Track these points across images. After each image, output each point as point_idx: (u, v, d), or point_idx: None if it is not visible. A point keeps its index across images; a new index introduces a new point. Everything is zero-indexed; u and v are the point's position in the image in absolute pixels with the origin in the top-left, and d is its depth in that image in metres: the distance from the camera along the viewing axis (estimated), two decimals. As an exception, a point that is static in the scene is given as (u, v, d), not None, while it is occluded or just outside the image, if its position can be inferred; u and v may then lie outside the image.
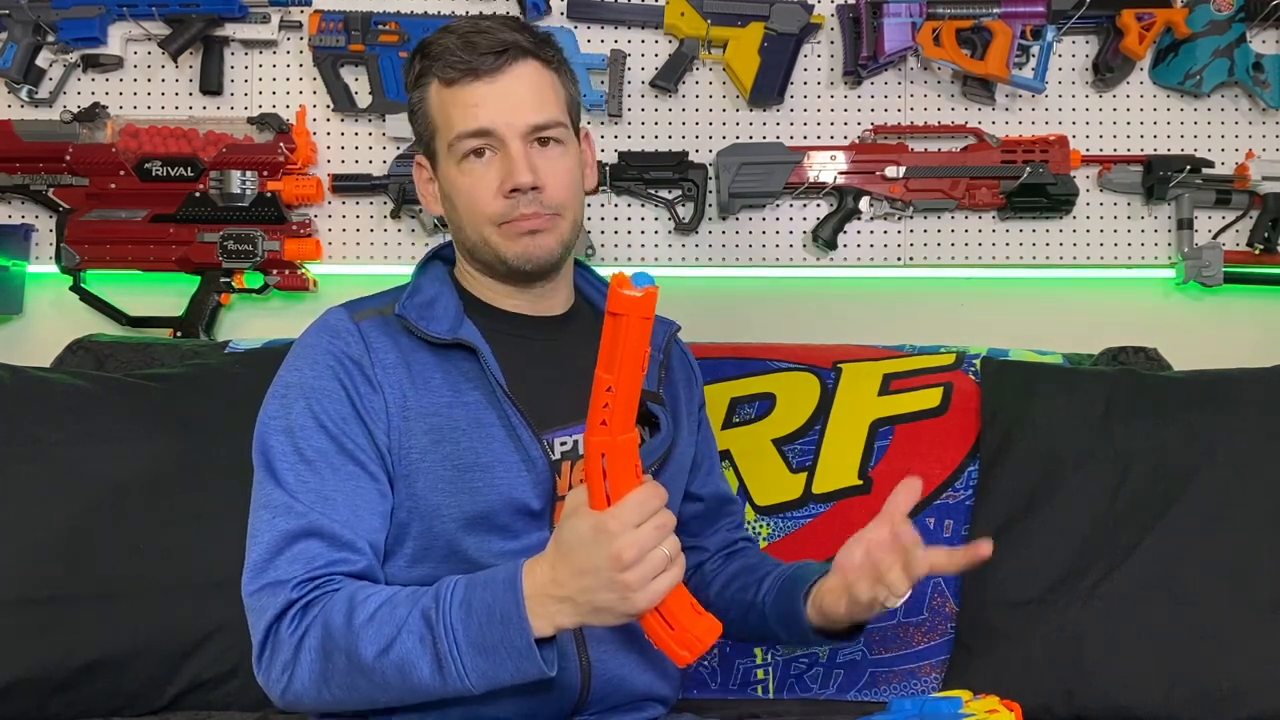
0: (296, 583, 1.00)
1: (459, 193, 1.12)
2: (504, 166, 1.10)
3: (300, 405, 1.06)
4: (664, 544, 0.91)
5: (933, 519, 1.54)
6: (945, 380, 1.62)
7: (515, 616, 0.93)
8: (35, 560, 1.39)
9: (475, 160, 1.11)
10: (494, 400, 1.09)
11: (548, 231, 1.12)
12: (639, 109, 1.89)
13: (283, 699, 1.02)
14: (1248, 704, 1.34)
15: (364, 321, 1.11)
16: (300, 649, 0.99)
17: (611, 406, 0.89)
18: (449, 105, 1.11)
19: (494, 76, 1.10)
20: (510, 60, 1.10)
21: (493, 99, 1.09)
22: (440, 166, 1.14)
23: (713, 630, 0.93)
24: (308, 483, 1.04)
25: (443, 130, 1.12)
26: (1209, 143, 1.88)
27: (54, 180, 1.83)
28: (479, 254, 1.14)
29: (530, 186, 1.09)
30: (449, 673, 0.94)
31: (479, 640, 0.94)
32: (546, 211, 1.11)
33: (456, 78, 1.10)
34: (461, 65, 1.09)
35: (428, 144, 1.15)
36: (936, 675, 1.51)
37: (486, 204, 1.11)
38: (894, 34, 1.82)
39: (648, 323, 0.87)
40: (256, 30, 1.86)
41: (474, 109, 1.09)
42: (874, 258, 1.88)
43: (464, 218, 1.13)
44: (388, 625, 0.96)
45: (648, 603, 0.91)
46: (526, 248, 1.12)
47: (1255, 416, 1.48)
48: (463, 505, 1.07)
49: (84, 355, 1.68)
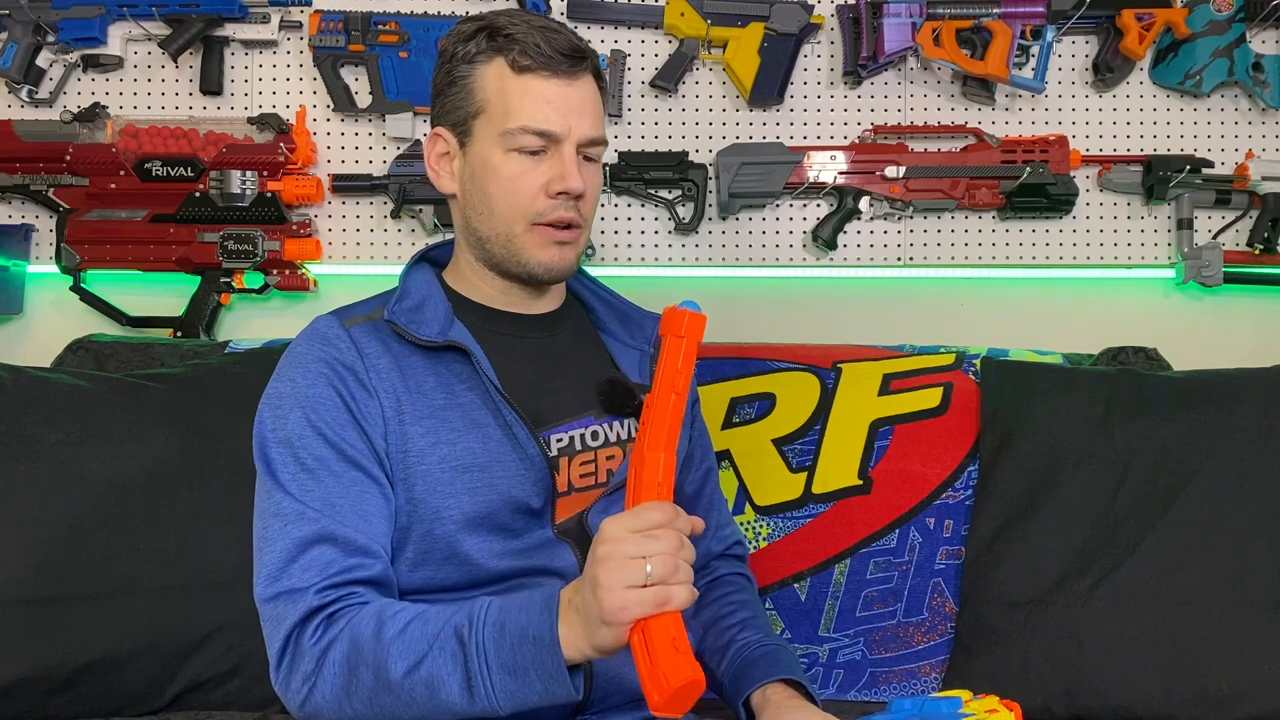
0: (317, 589, 1.00)
1: (498, 180, 1.11)
2: (554, 168, 1.10)
3: (296, 415, 1.05)
4: (650, 560, 0.87)
5: (933, 519, 1.55)
6: (945, 380, 1.62)
7: (548, 640, 0.92)
8: (35, 560, 1.39)
9: (525, 155, 1.10)
10: (488, 400, 1.10)
11: (573, 245, 1.14)
12: (639, 109, 1.89)
13: (300, 711, 1.00)
14: (1248, 704, 1.34)
15: (355, 328, 1.11)
16: (324, 661, 0.98)
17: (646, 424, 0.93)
18: (514, 92, 1.09)
19: (570, 80, 1.10)
20: (584, 68, 1.12)
21: (565, 102, 1.10)
22: (475, 146, 1.12)
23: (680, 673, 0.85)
24: (312, 491, 1.03)
25: (496, 114, 1.10)
26: (1209, 143, 1.88)
27: (54, 180, 1.83)
28: (494, 246, 1.13)
29: (579, 194, 1.11)
30: (477, 692, 0.94)
31: (510, 662, 0.93)
32: (580, 221, 1.13)
33: (533, 67, 1.09)
34: (540, 56, 1.09)
35: (463, 120, 1.13)
36: (936, 675, 1.51)
37: (529, 199, 1.10)
38: (894, 34, 1.82)
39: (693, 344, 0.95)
40: (256, 30, 1.86)
41: (546, 105, 1.09)
42: (874, 258, 1.88)
43: (496, 205, 1.12)
44: (419, 642, 0.96)
45: (613, 607, 0.87)
46: (553, 258, 1.13)
47: (1255, 416, 1.48)
48: (463, 506, 1.07)
49: (84, 355, 1.68)
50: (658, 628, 0.87)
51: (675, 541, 0.89)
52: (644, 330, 1.25)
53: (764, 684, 1.12)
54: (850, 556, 1.54)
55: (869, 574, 1.54)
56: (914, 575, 1.53)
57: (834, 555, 1.54)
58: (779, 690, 1.12)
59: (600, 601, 0.88)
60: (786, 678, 1.13)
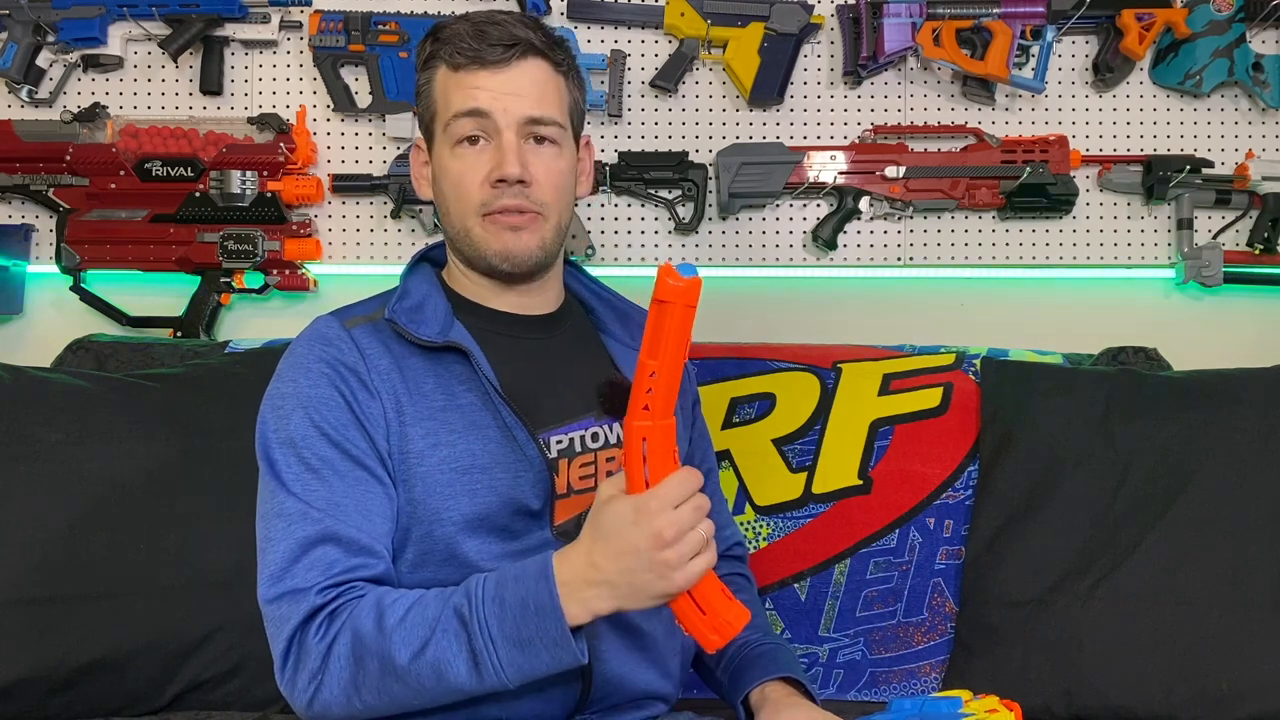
0: (319, 589, 1.00)
1: (447, 176, 1.13)
2: (494, 156, 1.11)
3: (299, 416, 1.05)
4: (700, 526, 0.93)
5: (933, 519, 1.55)
6: (945, 380, 1.62)
7: (550, 606, 0.93)
8: (35, 560, 1.39)
9: (468, 147, 1.12)
10: (488, 401, 1.09)
11: (528, 230, 1.12)
12: (639, 109, 1.89)
13: (309, 710, 1.00)
14: (1248, 704, 1.34)
15: (355, 329, 1.11)
16: (329, 656, 0.98)
17: (654, 392, 0.92)
18: (451, 88, 1.12)
19: (500, 68, 1.11)
20: (519, 55, 1.11)
21: (494, 86, 1.11)
22: (435, 150, 1.16)
23: (742, 616, 0.94)
24: (316, 491, 1.03)
25: (441, 112, 1.13)
26: (1209, 143, 1.88)
27: (54, 180, 1.83)
28: (460, 244, 1.15)
29: (517, 179, 1.10)
30: (484, 669, 0.94)
31: (514, 634, 0.94)
32: (531, 208, 1.12)
33: (463, 64, 1.11)
34: (469, 52, 1.10)
35: (427, 126, 1.16)
36: (936, 675, 1.51)
37: (473, 191, 1.11)
38: (894, 34, 1.82)
39: (691, 310, 0.93)
40: (256, 30, 1.86)
41: (476, 91, 1.10)
42: (874, 258, 1.88)
43: (450, 203, 1.14)
44: (421, 627, 0.96)
45: (685, 582, 0.92)
46: (507, 244, 1.12)
47: (1255, 416, 1.48)
48: (462, 508, 1.06)
49: (84, 355, 1.68)
50: (706, 585, 0.94)
51: (708, 502, 0.95)
52: None
53: (763, 682, 1.13)
54: (850, 556, 1.54)
55: (869, 574, 1.54)
56: (914, 575, 1.53)
57: (834, 555, 1.54)
58: (778, 688, 1.12)
59: (672, 582, 0.92)
60: (785, 676, 1.13)
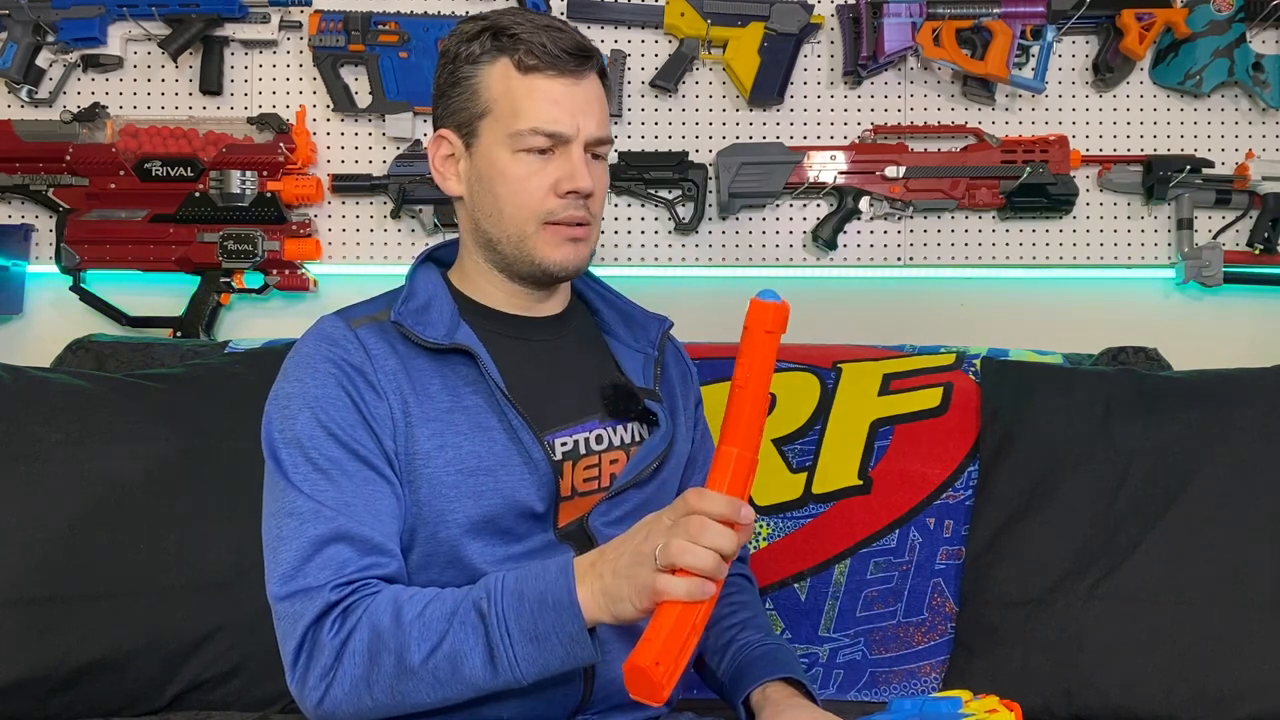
0: (333, 586, 0.99)
1: (506, 180, 1.10)
2: (564, 168, 1.10)
3: (305, 416, 1.05)
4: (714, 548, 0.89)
5: (933, 519, 1.55)
6: (945, 380, 1.62)
7: (567, 602, 0.94)
8: (35, 560, 1.39)
9: (534, 155, 1.10)
10: (494, 403, 1.09)
11: (585, 241, 1.14)
12: (639, 109, 1.89)
13: (318, 709, 1.00)
14: (1248, 704, 1.34)
15: (361, 329, 1.10)
16: (344, 652, 0.98)
17: (754, 420, 0.95)
18: (521, 92, 1.09)
19: (576, 79, 1.10)
20: (590, 68, 1.12)
21: (572, 102, 1.10)
22: (481, 148, 1.12)
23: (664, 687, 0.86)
24: (325, 491, 1.03)
25: (503, 114, 1.10)
26: (1209, 143, 1.88)
27: (54, 180, 1.83)
28: (505, 248, 1.13)
29: (588, 193, 1.11)
30: (500, 663, 0.95)
31: (531, 629, 0.94)
32: (589, 219, 1.13)
33: (539, 66, 1.09)
34: (546, 56, 1.08)
35: (468, 121, 1.12)
36: (936, 675, 1.51)
37: (539, 199, 1.10)
38: (894, 34, 1.82)
39: (772, 336, 0.93)
40: (256, 30, 1.85)
41: (553, 106, 1.09)
42: (874, 258, 1.88)
43: (505, 206, 1.11)
44: (439, 620, 0.97)
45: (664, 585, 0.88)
46: (567, 256, 1.12)
47: (1255, 416, 1.48)
48: (467, 510, 1.06)
49: (84, 355, 1.68)
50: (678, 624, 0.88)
51: (738, 543, 0.91)
52: (647, 333, 1.24)
53: (764, 683, 1.12)
54: (850, 556, 1.54)
55: (869, 574, 1.54)
56: (914, 575, 1.53)
57: (834, 555, 1.54)
58: (779, 689, 1.12)
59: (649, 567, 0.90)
60: (786, 676, 1.13)
